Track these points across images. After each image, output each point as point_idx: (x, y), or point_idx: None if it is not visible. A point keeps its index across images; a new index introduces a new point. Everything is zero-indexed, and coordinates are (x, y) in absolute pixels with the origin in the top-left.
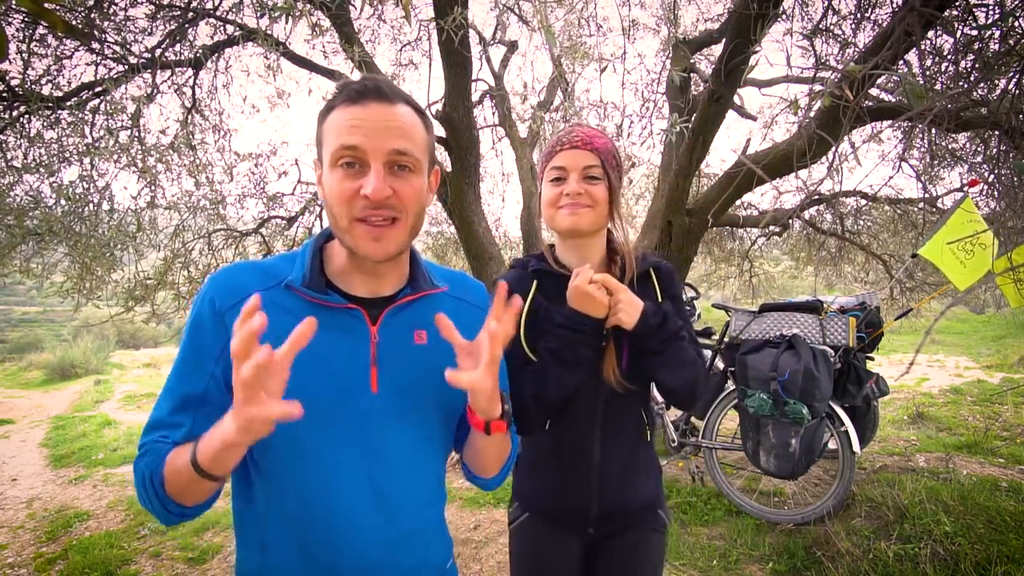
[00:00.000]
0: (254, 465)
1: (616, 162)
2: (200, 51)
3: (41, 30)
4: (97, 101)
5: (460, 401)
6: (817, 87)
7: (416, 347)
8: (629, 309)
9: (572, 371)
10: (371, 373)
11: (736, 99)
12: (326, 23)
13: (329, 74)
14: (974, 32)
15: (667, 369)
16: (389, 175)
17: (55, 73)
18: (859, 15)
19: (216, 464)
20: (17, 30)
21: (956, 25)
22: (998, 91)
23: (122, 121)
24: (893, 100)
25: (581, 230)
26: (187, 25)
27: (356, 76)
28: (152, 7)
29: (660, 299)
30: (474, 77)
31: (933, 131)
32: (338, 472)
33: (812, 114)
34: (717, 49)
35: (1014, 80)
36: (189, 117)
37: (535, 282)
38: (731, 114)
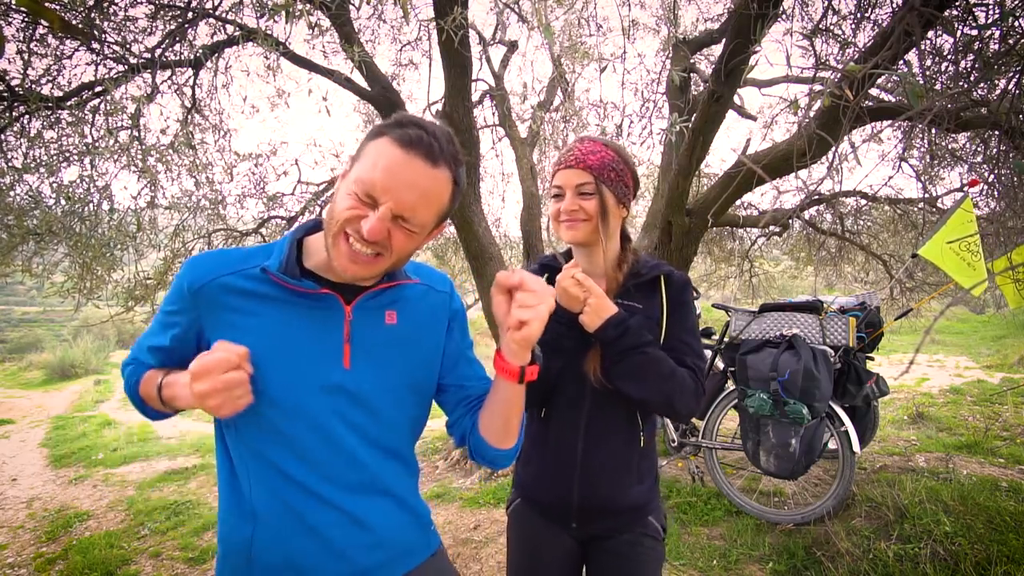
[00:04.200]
0: (235, 436)
1: (615, 174)
2: (200, 51)
3: (41, 30)
4: (97, 101)
5: (430, 381)
6: (817, 87)
7: (387, 327)
8: (592, 314)
9: (552, 357)
10: (344, 350)
11: (736, 99)
12: (326, 23)
13: (329, 74)
14: (974, 32)
15: (626, 380)
16: (391, 221)
17: (55, 73)
18: (859, 15)
19: (178, 405)
20: (17, 30)
21: (956, 25)
22: (998, 91)
23: (122, 121)
24: (893, 100)
25: (579, 242)
26: (187, 25)
27: (356, 76)
28: (152, 7)
29: (666, 307)
30: (474, 77)
31: (933, 131)
32: (314, 447)
33: (812, 114)
34: (717, 49)
35: (1014, 80)
36: (189, 117)
37: (544, 276)
38: (731, 114)
